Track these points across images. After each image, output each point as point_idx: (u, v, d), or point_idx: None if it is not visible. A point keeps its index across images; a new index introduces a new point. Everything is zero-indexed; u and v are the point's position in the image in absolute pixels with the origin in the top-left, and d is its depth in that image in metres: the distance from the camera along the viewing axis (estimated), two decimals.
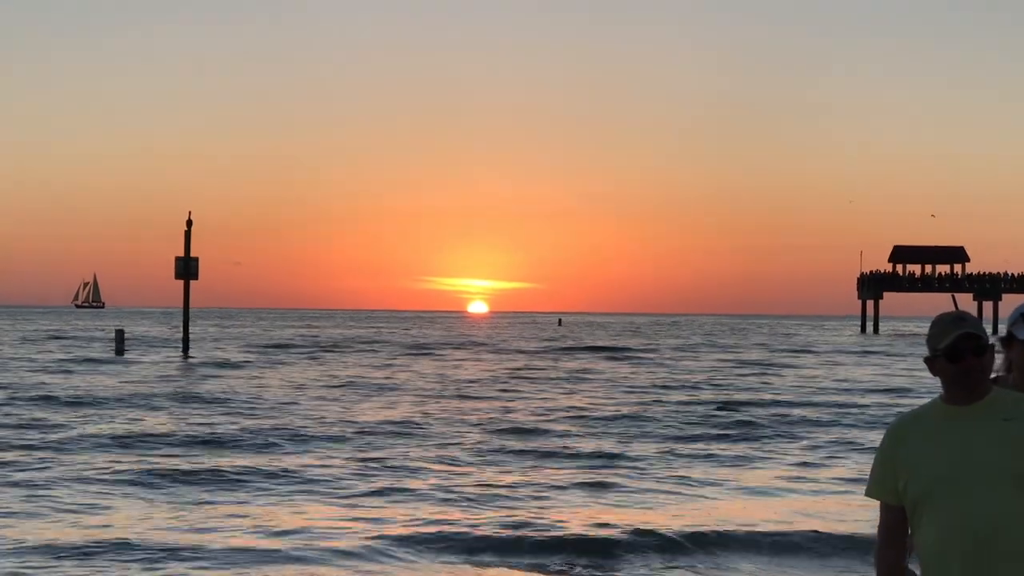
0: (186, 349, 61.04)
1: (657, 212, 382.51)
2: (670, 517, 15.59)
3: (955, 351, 4.34)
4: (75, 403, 32.02)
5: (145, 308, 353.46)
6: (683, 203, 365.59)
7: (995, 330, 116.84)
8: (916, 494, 4.32)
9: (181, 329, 62.70)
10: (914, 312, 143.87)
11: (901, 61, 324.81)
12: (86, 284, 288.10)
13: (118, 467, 19.54)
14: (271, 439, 23.76)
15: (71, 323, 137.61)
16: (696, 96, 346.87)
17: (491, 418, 28.77)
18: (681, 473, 19.69)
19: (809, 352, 75.44)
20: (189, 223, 58.40)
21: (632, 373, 49.16)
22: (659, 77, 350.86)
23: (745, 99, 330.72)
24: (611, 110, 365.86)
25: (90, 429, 25.45)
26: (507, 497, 17.09)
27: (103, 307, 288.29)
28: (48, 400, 32.79)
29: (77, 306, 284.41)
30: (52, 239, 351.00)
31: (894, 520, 4.46)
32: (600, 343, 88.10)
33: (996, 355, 4.60)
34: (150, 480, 18.22)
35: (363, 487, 17.89)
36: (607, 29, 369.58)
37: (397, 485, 18.01)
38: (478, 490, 17.59)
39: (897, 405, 32.68)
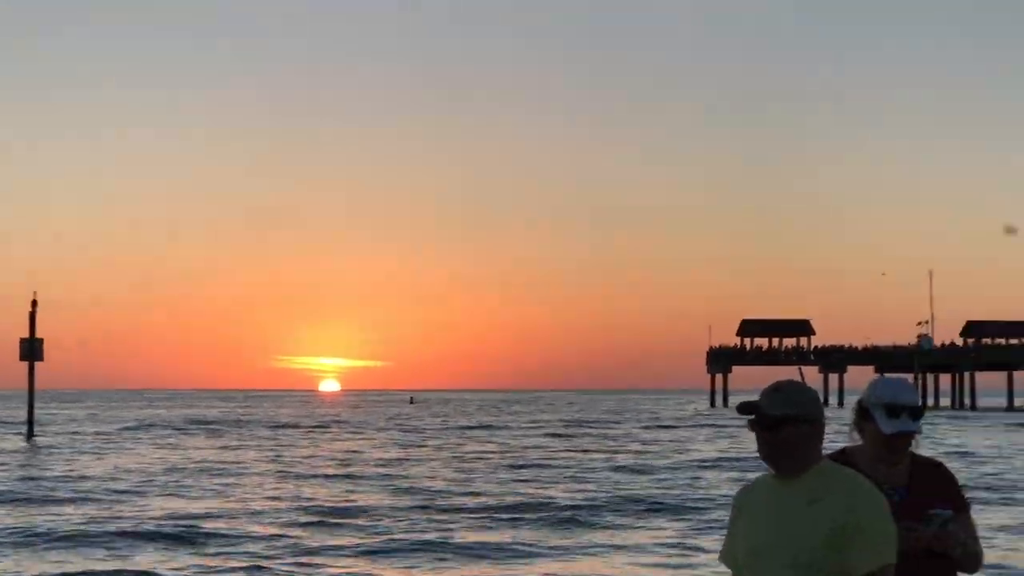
0: (31, 433, 59.29)
1: (509, 288, 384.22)
2: None
3: (749, 422, 4.41)
4: None
5: None
6: (534, 278, 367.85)
7: (841, 402, 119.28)
8: (738, 563, 4.45)
9: (24, 411, 61.08)
10: (762, 384, 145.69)
11: (727, 146, 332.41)
12: None
13: None
14: (117, 535, 22.78)
15: None
16: (539, 172, 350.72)
17: (322, 504, 28.13)
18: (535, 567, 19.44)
19: (662, 427, 76.03)
20: (34, 304, 57.44)
21: (480, 452, 48.88)
22: (503, 158, 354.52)
23: (590, 179, 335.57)
24: (459, 188, 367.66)
25: None
26: None
27: None
28: None
29: None
30: None
31: None
32: (454, 422, 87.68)
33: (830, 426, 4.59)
34: None
35: None
36: (455, 104, 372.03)
37: None
38: None
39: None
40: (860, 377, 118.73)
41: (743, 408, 4.44)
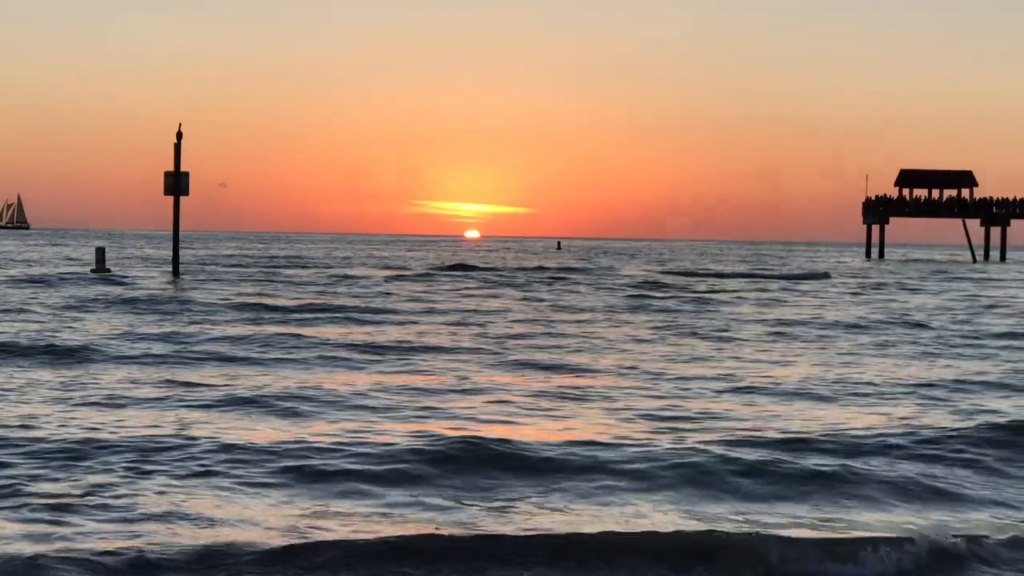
0: (176, 270, 56.63)
1: (660, 136, 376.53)
2: None
3: None
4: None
5: (72, 229, 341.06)
6: (685, 127, 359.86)
7: (1003, 257, 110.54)
8: None
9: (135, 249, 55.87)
10: (921, 237, 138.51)
11: None
12: (9, 205, 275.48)
13: None
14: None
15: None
16: (702, 19, 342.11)
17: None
18: None
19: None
20: (179, 135, 52.62)
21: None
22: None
23: (752, 27, 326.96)
24: (613, 31, 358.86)
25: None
26: None
27: (28, 228, 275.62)
28: (51, 353, 24.36)
29: (0, 227, 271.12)
30: None
31: None
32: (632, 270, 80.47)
33: None
34: None
35: None
36: None
37: None
38: None
39: None
40: None
41: None
